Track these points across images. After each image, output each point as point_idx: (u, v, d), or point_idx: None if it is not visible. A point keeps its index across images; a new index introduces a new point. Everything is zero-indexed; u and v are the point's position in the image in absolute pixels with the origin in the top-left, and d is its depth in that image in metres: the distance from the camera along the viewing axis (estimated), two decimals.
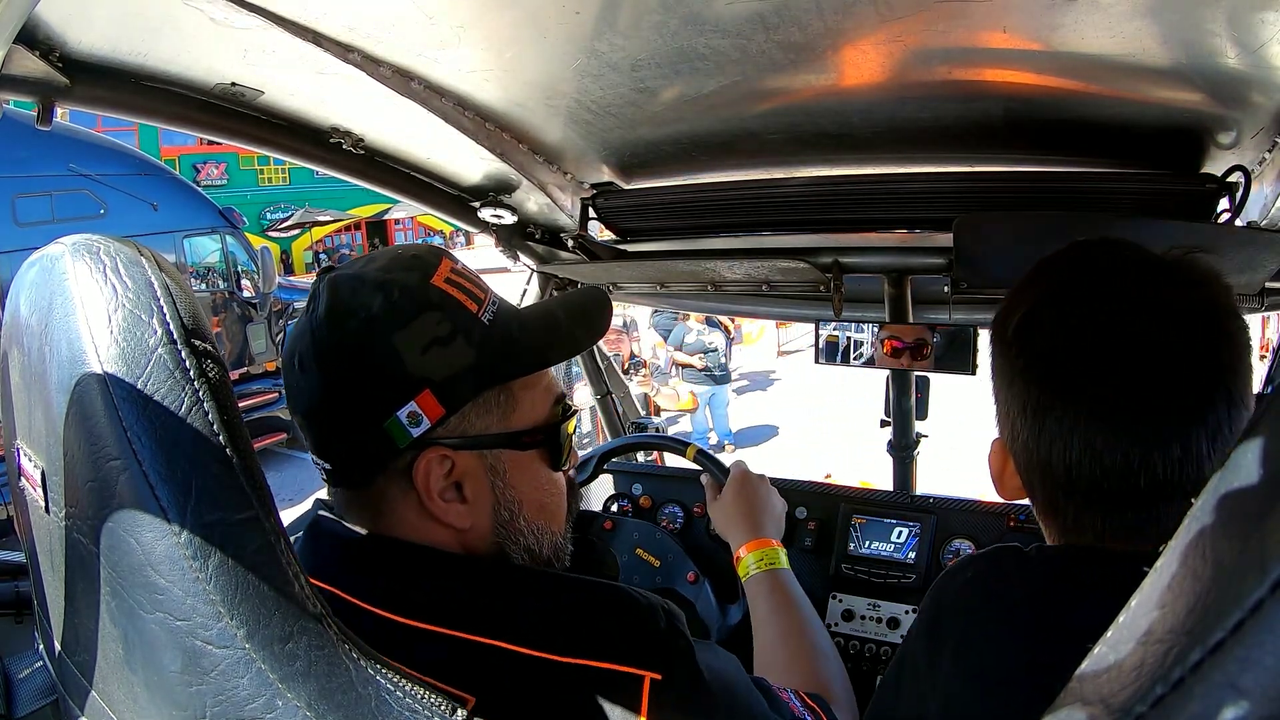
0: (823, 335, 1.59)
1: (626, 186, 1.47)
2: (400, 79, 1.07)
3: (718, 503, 1.21)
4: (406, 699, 0.44)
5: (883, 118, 1.13)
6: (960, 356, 1.45)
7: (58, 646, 0.55)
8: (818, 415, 7.82)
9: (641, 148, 1.32)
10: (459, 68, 1.06)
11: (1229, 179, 1.04)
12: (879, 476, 1.94)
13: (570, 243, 1.64)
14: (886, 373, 1.58)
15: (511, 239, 1.64)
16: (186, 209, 7.22)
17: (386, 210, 15.85)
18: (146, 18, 0.92)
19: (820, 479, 1.88)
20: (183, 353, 0.44)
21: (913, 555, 1.43)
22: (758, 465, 1.34)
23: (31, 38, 0.88)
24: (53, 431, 0.47)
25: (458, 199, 1.53)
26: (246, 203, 13.46)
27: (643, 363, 7.58)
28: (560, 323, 0.72)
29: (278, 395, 7.03)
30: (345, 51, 0.99)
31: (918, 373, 1.56)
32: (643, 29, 0.90)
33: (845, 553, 1.48)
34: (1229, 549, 0.22)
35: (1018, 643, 0.62)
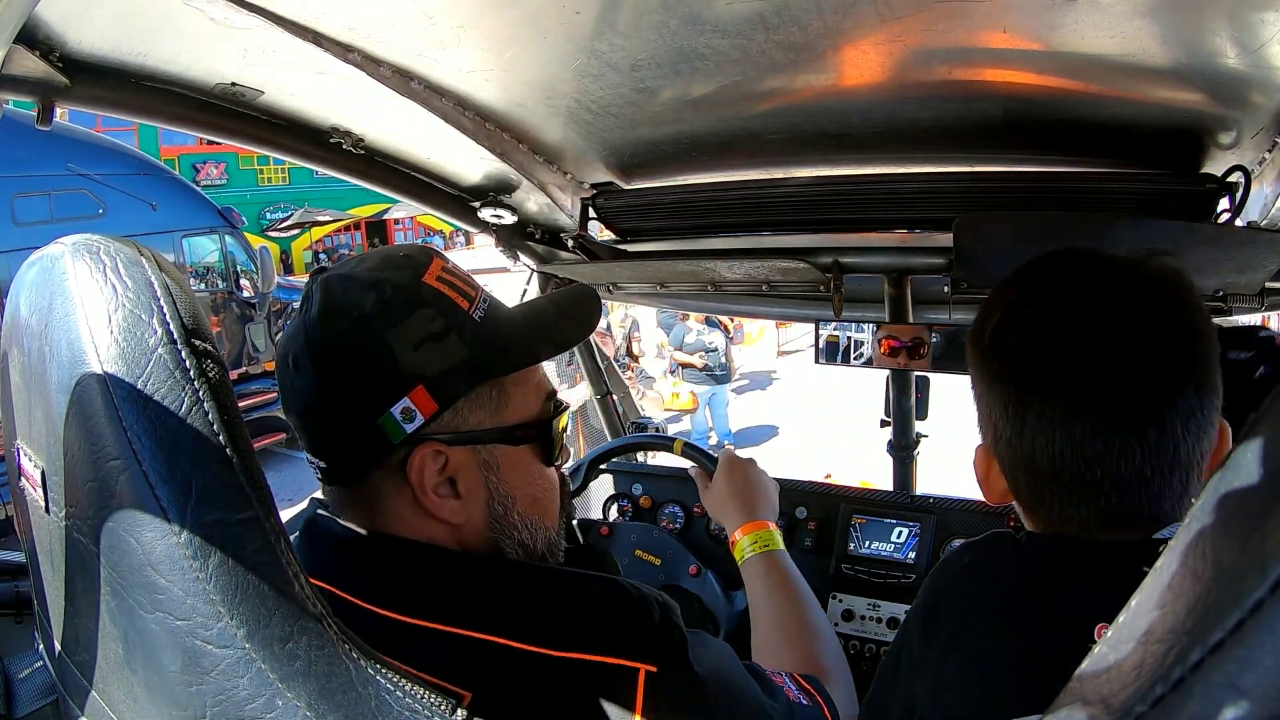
0: (823, 335, 1.59)
1: (626, 186, 1.47)
2: (400, 79, 1.07)
3: (709, 491, 1.21)
4: (406, 699, 0.45)
5: (883, 118, 1.13)
6: (959, 356, 1.44)
7: (58, 646, 0.55)
8: (818, 415, 7.82)
9: (641, 148, 1.32)
10: (459, 68, 1.06)
11: (1229, 179, 1.04)
12: (879, 476, 1.94)
13: (570, 243, 1.64)
14: (886, 373, 1.59)
15: (511, 239, 1.64)
16: (185, 209, 7.20)
17: (386, 210, 15.83)
18: (146, 18, 0.92)
19: (820, 479, 1.88)
20: (183, 353, 0.44)
21: (913, 555, 1.44)
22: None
23: (31, 38, 0.88)
24: (53, 431, 0.47)
25: (458, 199, 1.53)
26: (246, 203, 13.44)
27: (627, 365, 7.54)
28: (550, 319, 0.74)
29: (277, 395, 7.00)
30: (345, 51, 0.99)
31: (917, 373, 1.56)
32: (643, 29, 0.90)
33: (845, 553, 1.48)
34: (1229, 549, 0.22)
35: (1010, 630, 0.65)
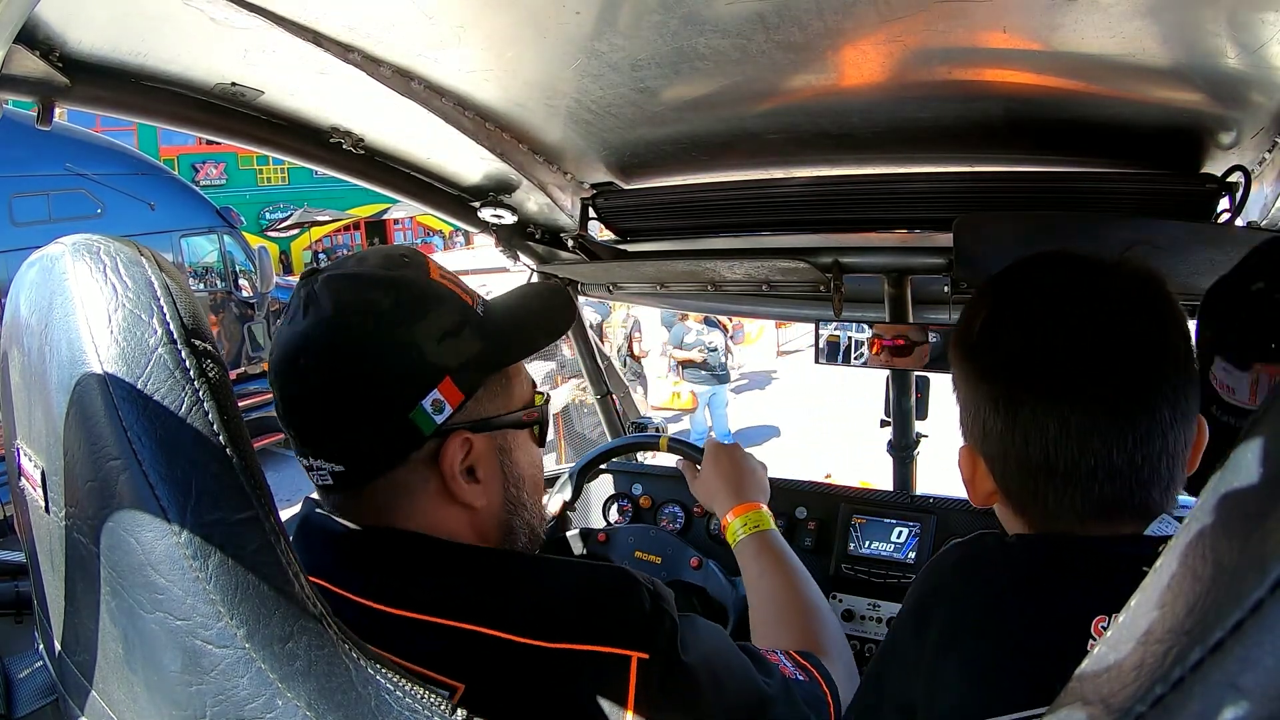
0: (823, 335, 1.59)
1: (626, 186, 1.47)
2: (400, 79, 1.07)
3: (698, 480, 1.20)
4: (406, 698, 0.44)
5: (883, 118, 1.13)
6: None
7: (58, 646, 0.55)
8: (818, 415, 7.81)
9: (641, 148, 1.32)
10: (459, 68, 1.06)
11: (1229, 179, 1.04)
12: (879, 476, 1.94)
13: (570, 243, 1.64)
14: (886, 373, 1.59)
15: (511, 239, 1.64)
16: (184, 208, 7.18)
17: (385, 210, 15.83)
18: (146, 18, 0.92)
19: (820, 479, 1.88)
20: (183, 353, 0.44)
21: (913, 555, 1.44)
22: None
23: (31, 38, 0.88)
24: (53, 431, 0.47)
25: (458, 199, 1.53)
26: (245, 203, 13.43)
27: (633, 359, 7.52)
28: (536, 310, 0.78)
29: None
30: (345, 51, 0.99)
31: (917, 373, 1.56)
32: (643, 29, 0.90)
33: (845, 553, 1.48)
34: (1229, 549, 0.22)
35: (1005, 629, 0.64)
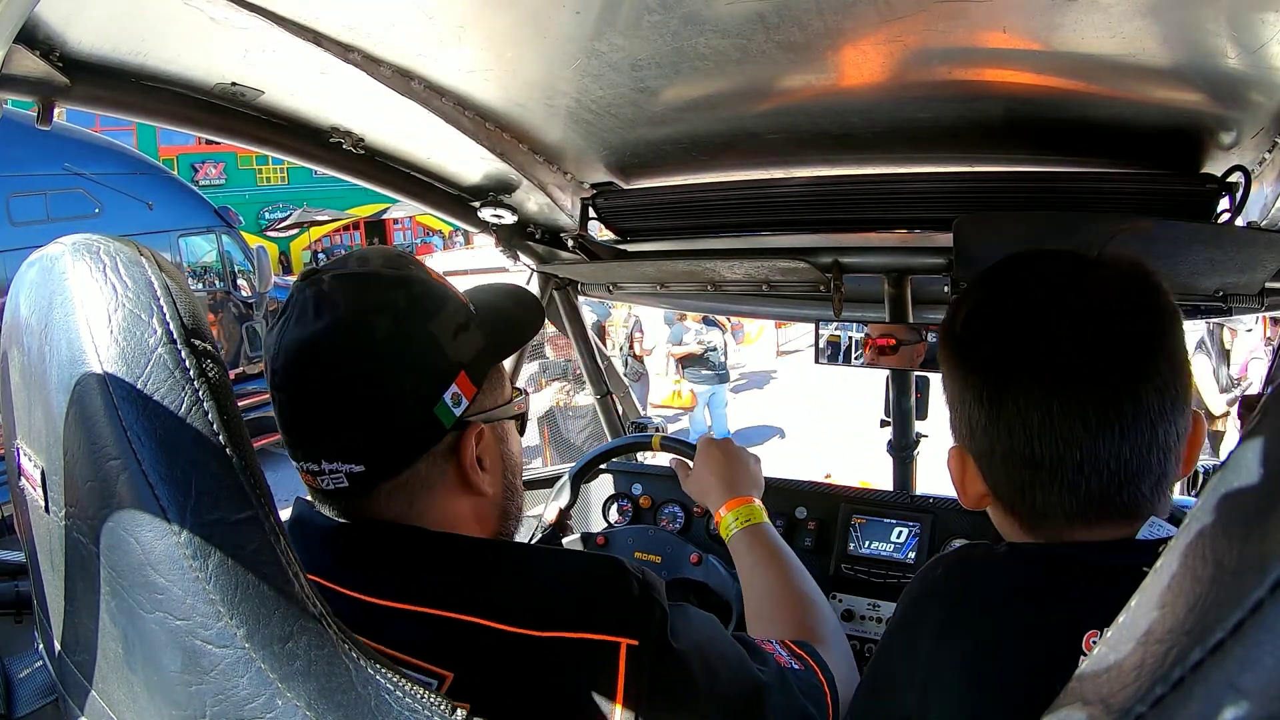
0: (823, 335, 1.59)
1: (626, 186, 1.47)
2: (400, 79, 1.07)
3: (690, 477, 1.19)
4: (406, 698, 0.45)
5: (883, 118, 1.13)
6: None
7: (58, 646, 0.55)
8: (818, 415, 7.82)
9: (641, 148, 1.32)
10: (459, 67, 1.06)
11: (1229, 179, 1.04)
12: (879, 476, 1.93)
13: (570, 243, 1.64)
14: (887, 373, 1.59)
15: (511, 239, 1.64)
16: (182, 208, 7.17)
17: (385, 210, 15.82)
18: (147, 17, 0.92)
19: (820, 479, 1.88)
20: (183, 352, 0.44)
21: (913, 555, 1.43)
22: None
23: (31, 38, 0.88)
24: (53, 431, 0.47)
25: (458, 199, 1.53)
26: (245, 202, 13.42)
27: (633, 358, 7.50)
28: (514, 308, 0.80)
29: None
30: (345, 51, 0.99)
31: (917, 373, 1.56)
32: (643, 29, 0.90)
33: (845, 553, 1.48)
34: (1229, 549, 0.22)
35: (1009, 638, 0.61)
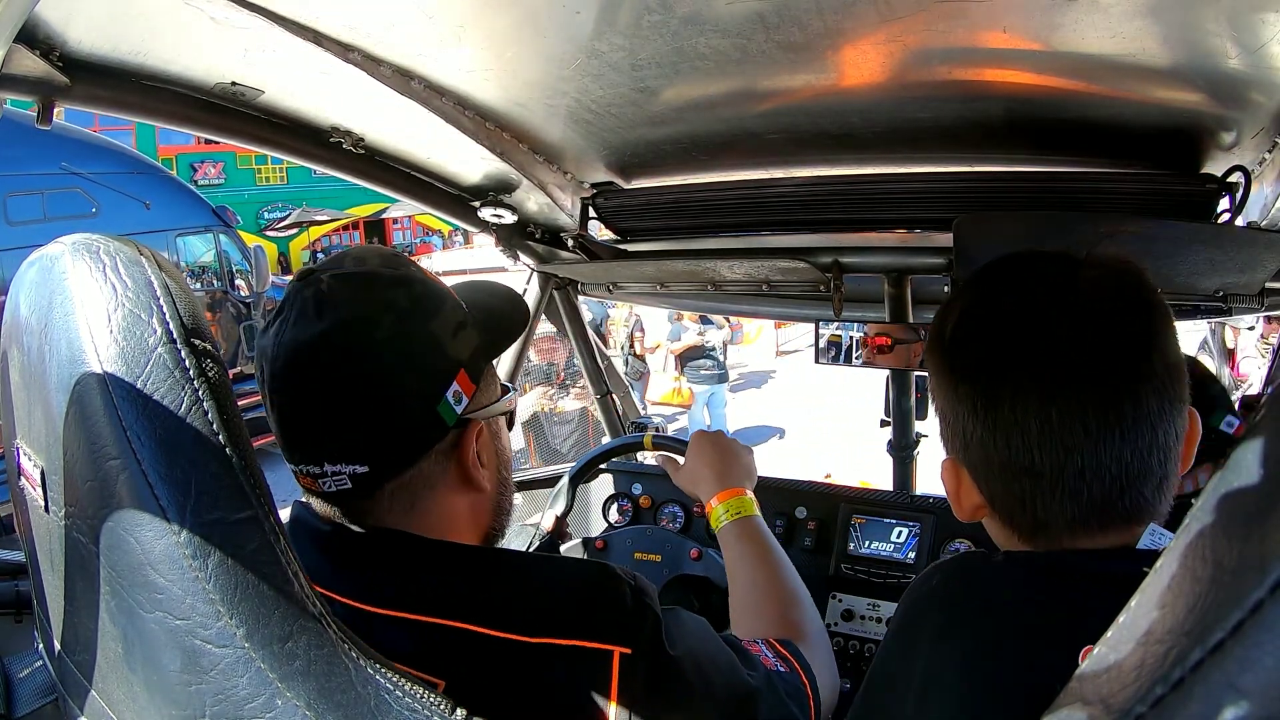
0: (823, 335, 1.59)
1: (626, 186, 1.47)
2: (400, 78, 1.07)
3: (681, 471, 1.16)
4: (406, 698, 0.45)
5: (883, 117, 1.13)
6: None
7: (58, 646, 0.55)
8: (818, 415, 7.81)
9: (641, 148, 1.32)
10: (459, 67, 1.06)
11: (1229, 179, 1.04)
12: (879, 476, 1.93)
13: (570, 242, 1.64)
14: (886, 373, 1.59)
15: (511, 239, 1.64)
16: (180, 208, 7.14)
17: (384, 210, 15.80)
18: (147, 17, 0.92)
19: (820, 479, 1.88)
20: (182, 352, 0.44)
21: (913, 555, 1.43)
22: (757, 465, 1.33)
23: (31, 37, 0.88)
24: (52, 431, 0.47)
25: (458, 199, 1.53)
26: (244, 202, 13.39)
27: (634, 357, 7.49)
28: (504, 305, 0.80)
29: None
30: (345, 51, 0.99)
31: (917, 373, 1.56)
32: (643, 29, 0.90)
33: (845, 553, 1.48)
34: (1229, 549, 0.22)
35: (1009, 639, 0.61)
